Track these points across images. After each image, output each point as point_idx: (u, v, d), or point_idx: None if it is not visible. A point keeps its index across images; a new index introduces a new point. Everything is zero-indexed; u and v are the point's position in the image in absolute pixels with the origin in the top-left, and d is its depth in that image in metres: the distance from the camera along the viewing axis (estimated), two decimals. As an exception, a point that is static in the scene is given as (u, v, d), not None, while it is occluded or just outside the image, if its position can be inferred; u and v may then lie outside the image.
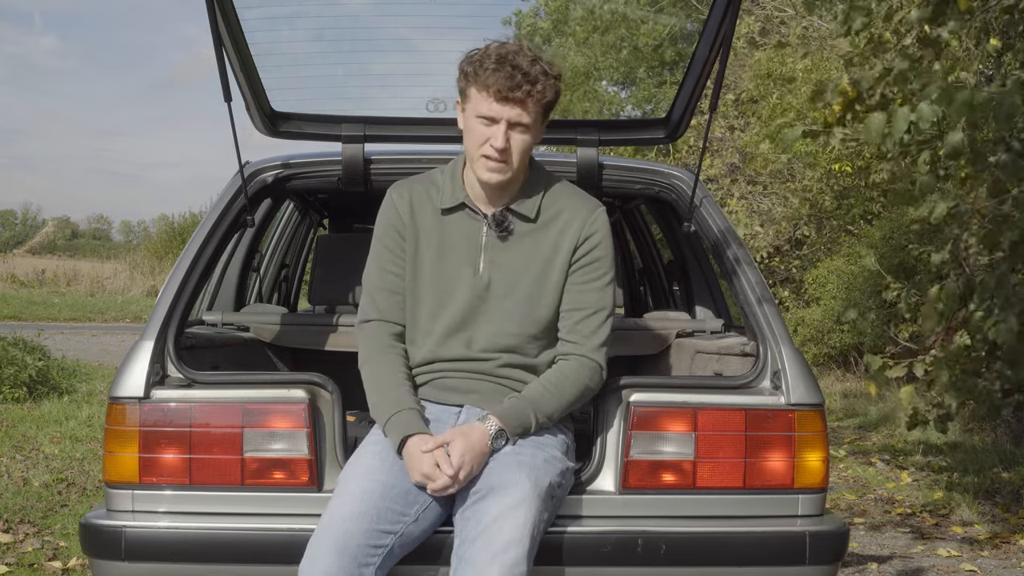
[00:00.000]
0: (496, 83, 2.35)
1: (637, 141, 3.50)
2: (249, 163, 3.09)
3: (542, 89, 2.38)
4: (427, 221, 2.56)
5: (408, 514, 2.35)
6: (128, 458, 2.53)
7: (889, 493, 6.32)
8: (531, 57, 2.38)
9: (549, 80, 2.39)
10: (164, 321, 2.63)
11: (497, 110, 2.38)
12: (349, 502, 2.31)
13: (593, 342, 2.51)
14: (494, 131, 2.39)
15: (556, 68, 2.43)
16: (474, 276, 2.51)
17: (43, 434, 6.95)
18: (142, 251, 30.24)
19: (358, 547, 2.25)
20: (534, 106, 2.39)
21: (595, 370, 2.50)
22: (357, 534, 2.26)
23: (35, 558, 4.32)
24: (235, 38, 2.81)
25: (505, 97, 2.36)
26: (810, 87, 9.00)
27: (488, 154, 2.41)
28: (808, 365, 2.67)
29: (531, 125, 2.40)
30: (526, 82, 2.35)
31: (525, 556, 2.25)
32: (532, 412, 2.42)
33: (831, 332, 11.25)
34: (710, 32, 2.86)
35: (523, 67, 2.35)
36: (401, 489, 2.36)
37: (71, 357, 10.78)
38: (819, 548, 2.55)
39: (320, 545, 2.25)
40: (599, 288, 2.53)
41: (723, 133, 13.32)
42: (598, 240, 2.53)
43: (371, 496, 2.31)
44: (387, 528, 2.30)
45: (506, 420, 2.39)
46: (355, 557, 2.24)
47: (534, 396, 2.45)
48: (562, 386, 2.47)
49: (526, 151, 2.44)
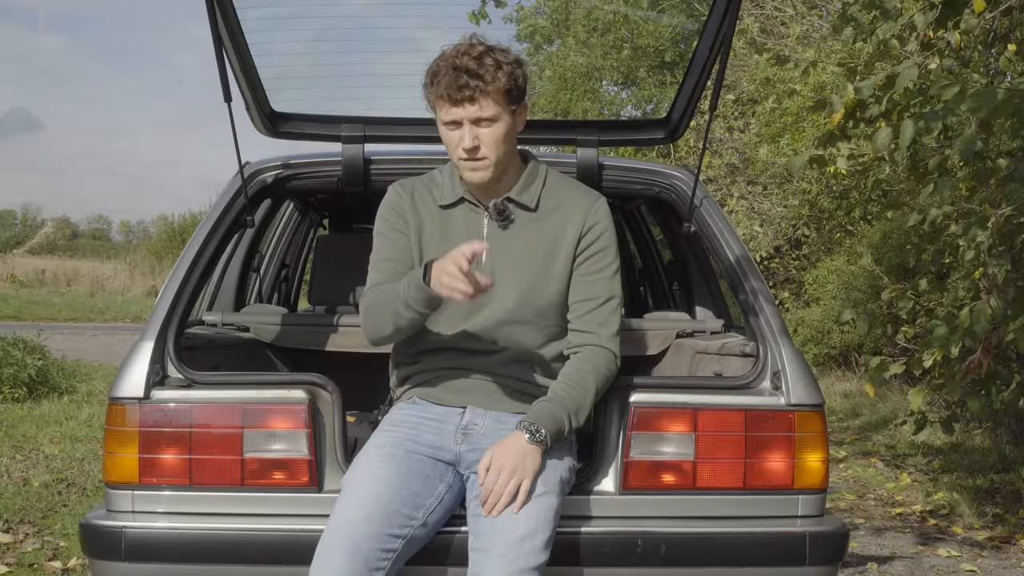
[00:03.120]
0: (446, 88, 2.38)
1: (637, 141, 3.50)
2: (249, 163, 3.10)
3: (491, 79, 2.37)
4: (428, 215, 2.56)
5: (416, 517, 2.34)
6: (128, 458, 2.52)
7: (889, 493, 6.32)
8: (478, 52, 2.39)
9: (501, 69, 2.39)
10: (164, 321, 2.63)
11: (454, 113, 2.40)
12: (359, 505, 2.29)
13: (607, 331, 2.51)
14: (461, 133, 2.41)
15: (511, 55, 2.44)
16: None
17: (43, 434, 6.95)
18: (142, 251, 30.22)
19: (369, 551, 2.24)
20: (487, 98, 2.38)
21: (611, 359, 2.50)
22: (368, 538, 2.25)
23: (35, 558, 4.32)
24: (235, 38, 2.81)
25: (455, 99, 2.38)
26: (809, 90, 9.01)
27: (462, 156, 2.43)
28: (808, 365, 2.67)
29: (494, 117, 2.40)
30: (472, 79, 2.36)
31: (543, 545, 2.27)
32: (563, 411, 2.40)
33: (831, 332, 11.25)
34: (710, 32, 2.86)
35: (466, 66, 2.37)
36: (410, 492, 2.35)
37: (71, 357, 10.78)
38: (819, 548, 2.55)
39: (331, 549, 2.24)
40: (607, 278, 2.53)
41: (723, 134, 13.32)
42: (601, 230, 2.54)
43: (380, 499, 2.30)
44: (396, 532, 2.29)
45: (537, 417, 2.38)
46: (366, 561, 2.23)
47: (561, 395, 2.43)
48: (585, 379, 2.45)
49: (500, 141, 2.43)
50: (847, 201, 8.91)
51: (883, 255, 9.66)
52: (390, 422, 2.54)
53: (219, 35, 2.71)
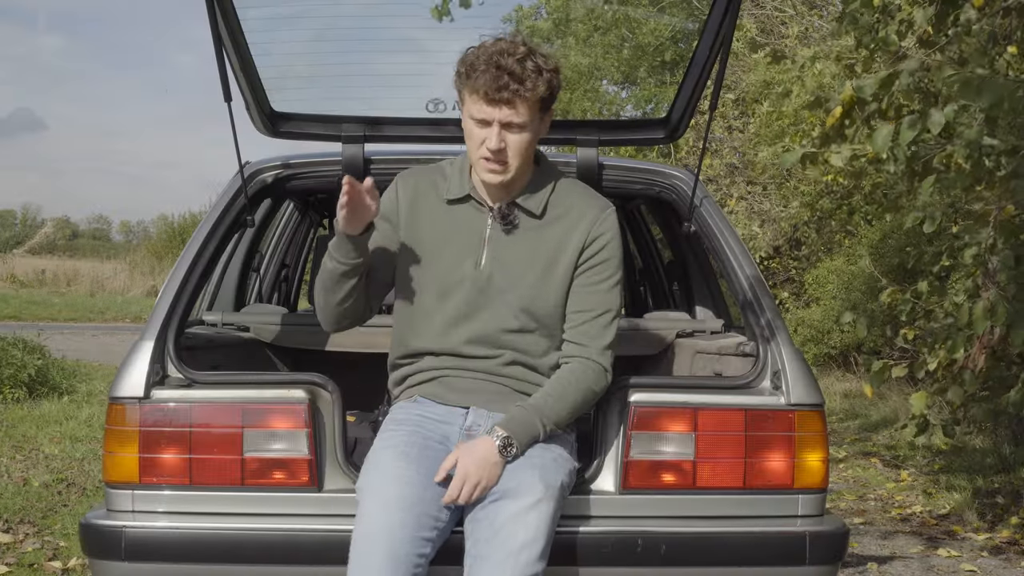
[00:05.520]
0: (484, 85, 2.31)
1: (637, 141, 3.50)
2: (249, 163, 3.10)
3: (532, 87, 2.33)
4: (430, 210, 2.53)
5: (441, 519, 2.32)
6: (128, 458, 2.52)
7: (889, 494, 6.32)
8: (521, 55, 2.33)
9: (542, 76, 2.34)
10: (164, 321, 2.63)
11: (488, 112, 2.34)
12: (393, 511, 2.26)
13: (599, 344, 2.49)
14: (488, 133, 2.36)
15: (552, 62, 2.38)
16: (475, 269, 2.49)
17: (43, 434, 6.94)
18: (142, 251, 30.22)
19: (407, 556, 2.23)
20: (524, 105, 2.34)
21: (600, 373, 2.48)
22: (406, 542, 2.23)
23: (35, 558, 4.31)
24: (235, 38, 2.81)
25: (493, 99, 2.32)
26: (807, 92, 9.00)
27: (484, 155, 2.38)
28: (808, 365, 2.67)
29: (526, 124, 2.36)
30: (514, 81, 2.31)
31: (540, 556, 2.25)
32: (539, 420, 2.40)
33: (831, 332, 11.25)
34: (710, 32, 2.86)
35: (509, 67, 2.31)
36: (433, 493, 2.33)
37: (71, 357, 10.77)
38: (819, 548, 2.55)
39: (373, 556, 2.22)
40: (605, 290, 2.51)
41: (723, 133, 13.32)
42: (606, 241, 2.51)
43: (410, 503, 2.28)
44: (427, 535, 2.28)
45: (513, 429, 2.37)
46: (408, 567, 2.22)
47: (540, 404, 2.42)
48: (567, 392, 2.44)
49: (524, 150, 2.40)
50: (847, 204, 8.92)
51: (883, 256, 9.66)
52: (394, 421, 2.51)
53: (219, 35, 2.71)
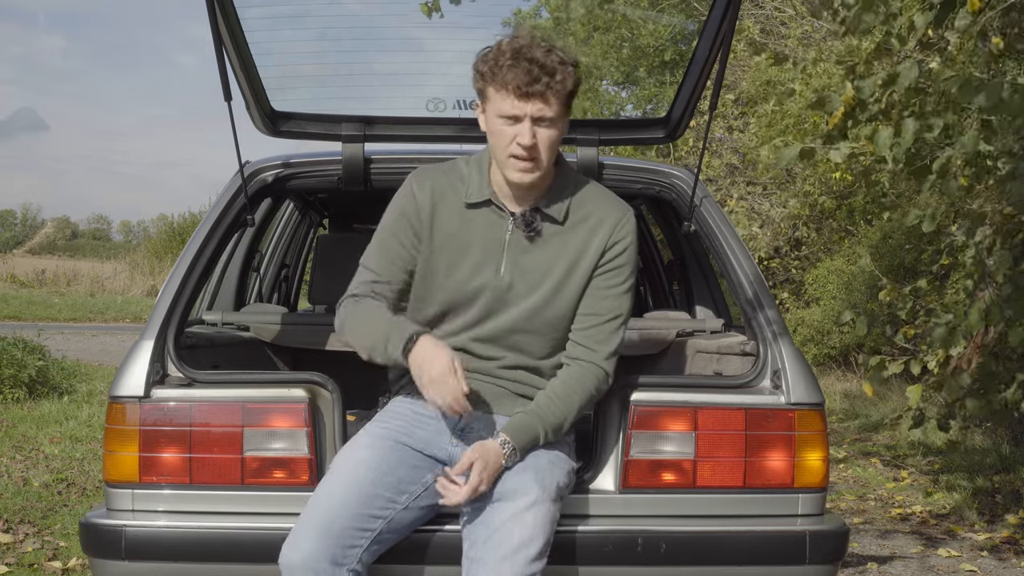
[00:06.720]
0: (515, 80, 2.28)
1: (637, 141, 3.50)
2: (249, 163, 3.10)
3: (561, 79, 2.30)
4: (449, 215, 2.47)
5: (398, 501, 2.35)
6: (128, 457, 2.53)
7: (889, 493, 6.32)
8: (545, 47, 2.31)
9: (567, 68, 2.32)
10: (164, 321, 2.64)
11: (519, 107, 2.30)
12: (336, 484, 2.31)
13: (604, 350, 2.47)
14: (519, 129, 2.32)
15: (572, 55, 2.35)
16: (495, 276, 2.45)
17: (43, 434, 6.95)
18: (142, 251, 30.21)
19: (342, 529, 2.25)
20: (555, 98, 2.31)
21: (602, 378, 2.47)
22: (342, 516, 2.26)
23: (35, 558, 4.31)
24: (235, 38, 2.81)
25: (525, 93, 2.28)
26: (808, 92, 9.01)
27: (516, 153, 2.33)
28: (808, 364, 2.67)
29: (556, 118, 2.33)
30: (544, 74, 2.28)
31: (537, 556, 2.25)
32: (541, 426, 2.40)
33: (831, 332, 11.25)
34: (710, 32, 2.86)
35: (539, 59, 2.28)
36: (394, 478, 2.36)
37: (71, 357, 10.77)
38: (819, 548, 2.55)
39: (302, 526, 2.26)
40: (618, 294, 2.48)
41: (723, 133, 13.32)
42: (625, 246, 2.48)
43: (359, 483, 2.31)
44: (375, 513, 2.30)
45: (515, 435, 2.37)
46: (339, 538, 2.24)
47: (542, 410, 2.42)
48: (570, 397, 2.44)
49: (553, 146, 2.36)
50: (848, 203, 8.93)
51: (883, 256, 9.67)
52: (387, 413, 2.53)
53: (219, 34, 2.71)
